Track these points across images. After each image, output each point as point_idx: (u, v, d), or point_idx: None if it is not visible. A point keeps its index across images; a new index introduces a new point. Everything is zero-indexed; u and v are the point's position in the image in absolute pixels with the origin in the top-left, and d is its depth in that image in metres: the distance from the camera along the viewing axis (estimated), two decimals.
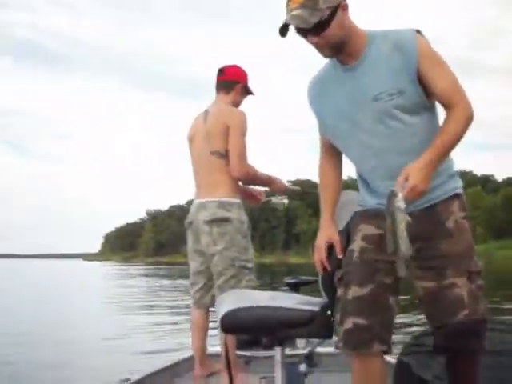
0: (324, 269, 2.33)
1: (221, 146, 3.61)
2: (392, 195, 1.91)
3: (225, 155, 3.62)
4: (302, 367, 2.70)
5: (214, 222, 3.61)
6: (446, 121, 2.10)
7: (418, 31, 2.13)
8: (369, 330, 2.09)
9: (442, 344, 2.13)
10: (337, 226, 2.42)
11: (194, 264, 3.85)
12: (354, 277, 2.18)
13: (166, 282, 29.44)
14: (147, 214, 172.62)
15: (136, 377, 3.43)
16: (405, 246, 1.93)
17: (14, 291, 23.06)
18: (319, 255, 2.33)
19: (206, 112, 3.83)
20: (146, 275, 41.19)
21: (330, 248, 2.35)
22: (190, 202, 3.41)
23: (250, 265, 3.67)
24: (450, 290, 2.09)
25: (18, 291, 23.15)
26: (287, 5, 2.05)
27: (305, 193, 4.63)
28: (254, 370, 3.81)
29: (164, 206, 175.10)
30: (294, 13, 2.01)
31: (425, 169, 1.96)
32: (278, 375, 2.50)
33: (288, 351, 2.80)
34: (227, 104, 3.76)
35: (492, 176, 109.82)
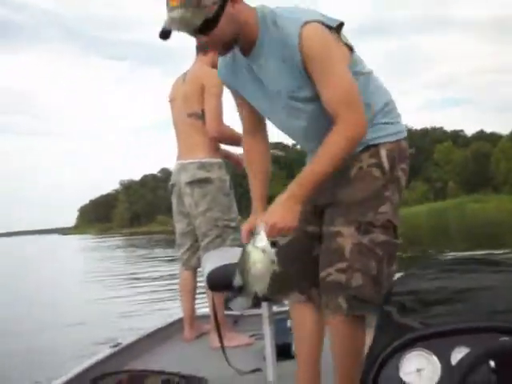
0: None
1: (198, 108, 3.64)
2: (255, 233, 1.80)
3: (202, 116, 3.64)
4: (290, 322, 2.73)
5: (195, 183, 3.66)
6: (323, 143, 1.85)
7: (318, 21, 1.83)
8: (286, 278, 2.00)
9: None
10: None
11: (180, 226, 3.91)
12: None
13: (143, 251, 29.45)
14: (120, 184, 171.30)
15: (126, 341, 3.51)
16: (258, 287, 1.81)
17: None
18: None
19: (185, 74, 3.86)
20: (123, 247, 41.07)
21: None
22: (162, 171, 3.39)
23: (233, 224, 3.72)
24: (334, 238, 1.91)
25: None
26: (167, 3, 1.78)
27: (282, 156, 4.64)
28: (242, 328, 3.93)
29: (137, 176, 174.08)
30: (174, 14, 1.75)
31: (287, 203, 1.82)
32: (267, 331, 2.59)
33: (275, 308, 2.89)
34: (204, 65, 3.76)
35: (462, 131, 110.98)
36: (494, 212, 41.39)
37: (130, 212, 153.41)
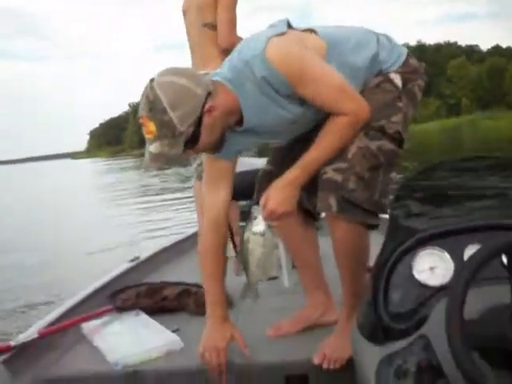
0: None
1: (213, 18, 3.58)
2: (251, 218, 1.76)
3: (217, 27, 3.58)
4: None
5: None
6: (322, 130, 1.81)
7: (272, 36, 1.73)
8: (273, 177, 1.89)
9: None
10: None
11: None
12: None
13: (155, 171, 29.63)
14: (130, 106, 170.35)
15: (145, 254, 3.59)
16: (262, 273, 1.80)
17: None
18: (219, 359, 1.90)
19: None
20: (136, 168, 41.35)
21: None
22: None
23: None
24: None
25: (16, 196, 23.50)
26: (144, 134, 1.71)
27: None
28: None
29: None
30: (152, 149, 1.67)
31: (287, 188, 1.79)
32: (281, 241, 2.64)
33: None
34: None
35: (477, 46, 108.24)
36: (508, 129, 40.90)
37: (139, 134, 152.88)
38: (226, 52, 3.63)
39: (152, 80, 1.68)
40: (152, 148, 1.68)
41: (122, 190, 19.15)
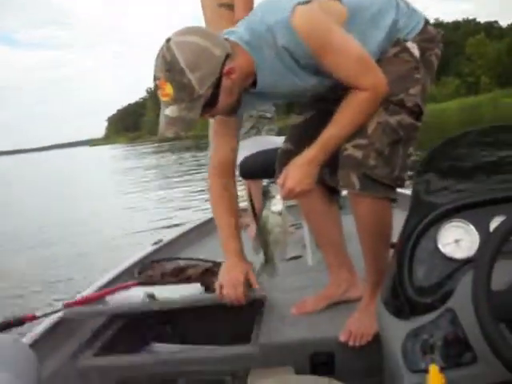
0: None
1: None
2: (269, 196, 1.75)
3: (233, 6, 3.55)
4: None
5: None
6: (340, 106, 1.77)
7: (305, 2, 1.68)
8: (292, 155, 1.85)
9: None
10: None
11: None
12: (299, 108, 2.13)
13: (173, 157, 29.85)
14: (147, 92, 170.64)
15: (168, 237, 3.60)
16: (272, 255, 1.81)
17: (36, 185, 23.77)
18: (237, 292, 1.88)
19: None
20: (155, 153, 41.60)
21: None
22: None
23: (269, 114, 3.63)
24: None
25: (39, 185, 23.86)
26: (160, 97, 1.65)
27: None
28: None
29: None
30: (168, 112, 1.64)
31: (306, 166, 1.75)
32: (304, 221, 2.64)
33: None
34: None
35: (496, 22, 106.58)
36: None
37: (158, 119, 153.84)
38: None
39: (168, 40, 1.61)
40: (169, 111, 1.63)
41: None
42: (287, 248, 1.92)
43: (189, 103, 1.60)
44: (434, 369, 1.22)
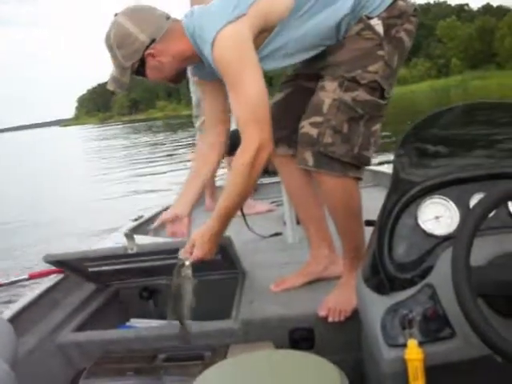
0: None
1: None
2: (180, 265, 1.81)
3: None
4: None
5: None
6: (230, 177, 1.86)
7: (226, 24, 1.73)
8: (275, 131, 1.82)
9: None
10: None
11: (195, 96, 3.87)
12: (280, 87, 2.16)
13: (147, 138, 29.60)
14: None
15: (148, 214, 3.58)
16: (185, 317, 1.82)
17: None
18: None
19: None
20: (127, 133, 41.24)
21: None
22: None
23: None
24: (318, 92, 1.87)
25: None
26: None
27: None
28: (263, 196, 4.01)
29: None
30: (112, 72, 1.91)
31: (211, 239, 1.82)
32: (285, 198, 2.65)
33: None
34: None
35: (467, 5, 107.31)
36: (497, 89, 40.85)
37: (128, 100, 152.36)
38: None
39: (115, 15, 1.87)
40: (112, 71, 1.91)
41: None
42: (268, 225, 1.92)
43: (120, 70, 1.88)
44: (412, 343, 1.24)
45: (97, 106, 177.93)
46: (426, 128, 1.56)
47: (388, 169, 2.38)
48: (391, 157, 1.56)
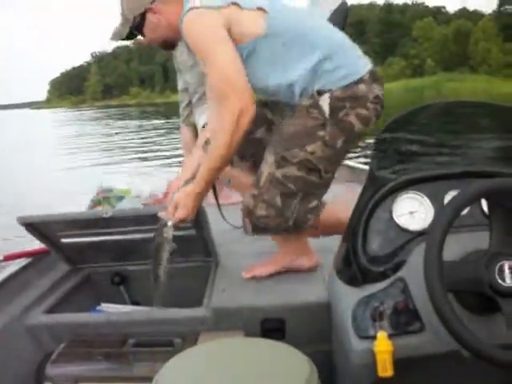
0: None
1: None
2: (162, 225, 1.85)
3: None
4: None
5: None
6: (211, 137, 1.91)
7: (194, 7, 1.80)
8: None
9: None
10: None
11: (180, 82, 3.86)
12: None
13: (120, 123, 29.31)
14: (92, 56, 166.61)
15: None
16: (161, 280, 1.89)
17: None
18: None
19: None
20: (98, 119, 40.76)
21: None
22: (137, 43, 3.22)
23: None
24: (261, 163, 1.93)
25: None
26: None
27: None
28: None
29: (109, 48, 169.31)
30: (116, 25, 2.02)
31: (196, 199, 1.87)
32: None
33: None
34: None
35: (443, 7, 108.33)
36: (470, 92, 41.39)
37: (102, 85, 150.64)
38: None
39: None
40: (118, 22, 2.02)
41: None
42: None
43: (123, 21, 1.99)
44: (382, 335, 1.25)
45: (69, 89, 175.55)
46: (401, 125, 1.57)
47: (364, 165, 2.39)
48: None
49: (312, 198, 1.89)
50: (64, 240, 2.20)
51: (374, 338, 1.26)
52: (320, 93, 1.84)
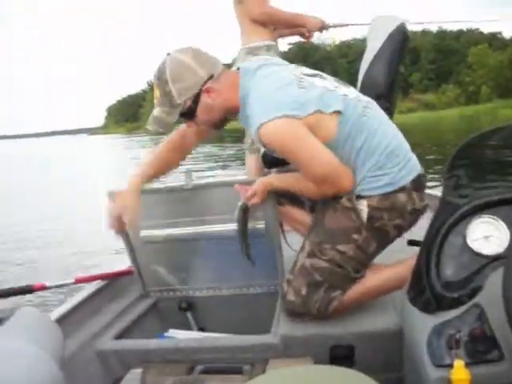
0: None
1: None
2: (243, 208, 1.95)
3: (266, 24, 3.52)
4: None
5: None
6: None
7: (279, 117, 1.76)
8: None
9: None
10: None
11: None
12: None
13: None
14: (148, 84, 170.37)
15: None
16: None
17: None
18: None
19: None
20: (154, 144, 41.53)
21: None
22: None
23: None
24: (300, 249, 1.99)
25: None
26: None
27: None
28: None
29: None
30: (154, 113, 1.90)
31: (272, 181, 1.98)
32: None
33: None
34: None
35: (500, 33, 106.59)
36: None
37: None
38: (258, 22, 3.59)
39: (168, 54, 1.88)
40: (155, 111, 1.90)
41: None
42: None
43: (168, 109, 1.87)
44: (459, 364, 1.22)
45: (126, 116, 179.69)
46: (474, 148, 1.55)
47: (435, 191, 2.36)
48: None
49: (337, 287, 1.91)
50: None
51: (450, 366, 1.23)
52: (359, 197, 1.88)
